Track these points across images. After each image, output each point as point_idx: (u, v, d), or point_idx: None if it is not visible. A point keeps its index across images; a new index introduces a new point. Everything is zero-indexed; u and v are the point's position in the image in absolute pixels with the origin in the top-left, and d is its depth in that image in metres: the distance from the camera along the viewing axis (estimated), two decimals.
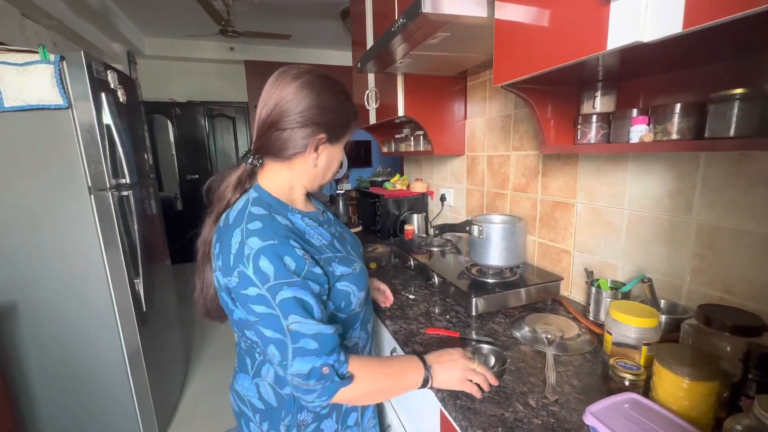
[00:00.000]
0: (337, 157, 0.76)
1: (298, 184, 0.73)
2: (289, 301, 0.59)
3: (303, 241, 0.66)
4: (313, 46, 4.97)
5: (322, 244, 0.71)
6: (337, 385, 0.62)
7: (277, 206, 0.69)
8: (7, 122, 1.31)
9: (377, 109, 1.83)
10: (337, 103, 0.71)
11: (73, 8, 3.02)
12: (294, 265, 0.61)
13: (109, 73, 1.52)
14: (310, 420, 0.73)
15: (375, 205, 2.05)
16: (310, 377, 0.60)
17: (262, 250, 0.60)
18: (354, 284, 0.72)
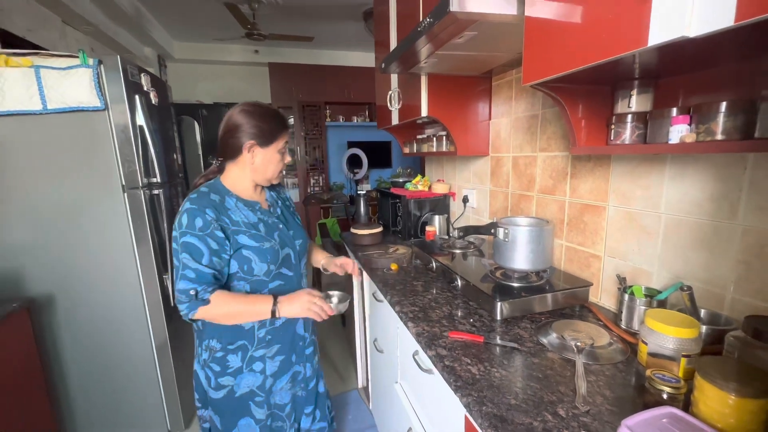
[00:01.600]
0: (272, 157, 1.02)
1: (245, 177, 1.03)
2: (187, 244, 0.91)
3: (221, 214, 0.96)
4: (335, 47, 5.02)
5: (241, 220, 0.99)
6: (197, 304, 0.92)
7: (220, 189, 1.00)
8: (49, 123, 1.38)
9: (400, 110, 1.82)
10: (264, 120, 0.99)
11: (108, 14, 3.16)
12: (201, 224, 0.92)
13: (142, 76, 1.58)
14: (219, 348, 1.02)
15: (396, 205, 2.04)
16: (182, 294, 0.92)
17: (185, 209, 0.93)
18: (256, 255, 0.99)
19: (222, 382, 1.03)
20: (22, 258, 1.45)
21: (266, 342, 1.05)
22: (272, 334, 1.06)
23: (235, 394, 1.04)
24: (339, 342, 2.64)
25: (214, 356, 1.02)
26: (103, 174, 1.47)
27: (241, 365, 1.03)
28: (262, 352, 1.05)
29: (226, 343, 1.02)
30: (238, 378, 1.03)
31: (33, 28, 2.46)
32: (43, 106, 1.34)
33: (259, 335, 1.04)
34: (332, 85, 5.06)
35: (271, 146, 1.01)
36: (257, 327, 1.04)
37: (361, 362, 1.97)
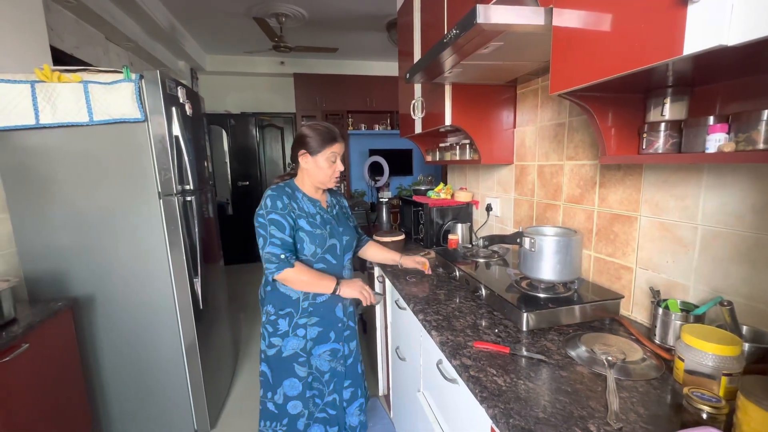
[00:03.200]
0: (320, 164, 1.25)
1: (306, 179, 1.30)
2: (273, 220, 1.20)
3: (292, 201, 1.25)
4: (358, 57, 5.11)
5: (304, 209, 1.27)
6: (284, 266, 1.18)
7: (292, 186, 1.30)
8: (94, 134, 1.48)
9: (423, 119, 1.84)
10: (315, 134, 1.24)
11: (147, 31, 3.36)
12: (281, 205, 1.22)
13: (178, 89, 1.67)
14: (272, 312, 1.29)
15: (418, 213, 2.04)
16: (273, 256, 1.18)
17: (268, 195, 1.23)
18: (308, 238, 1.24)
19: (273, 341, 1.30)
20: (67, 260, 1.55)
21: (308, 313, 1.30)
22: (313, 307, 1.30)
23: (282, 354, 1.30)
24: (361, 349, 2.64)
25: (269, 319, 1.29)
26: (142, 181, 1.55)
27: (288, 329, 1.29)
28: (304, 321, 1.30)
29: (278, 308, 1.28)
30: (285, 341, 1.29)
31: (80, 45, 2.64)
32: (89, 118, 1.44)
33: (303, 306, 1.29)
34: (354, 95, 5.15)
35: (318, 155, 1.24)
36: (302, 299, 1.28)
37: (383, 370, 1.97)
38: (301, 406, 1.34)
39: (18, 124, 1.41)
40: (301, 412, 1.34)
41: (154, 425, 1.75)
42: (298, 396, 1.33)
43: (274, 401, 1.34)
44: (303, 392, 1.33)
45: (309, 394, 1.35)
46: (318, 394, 1.37)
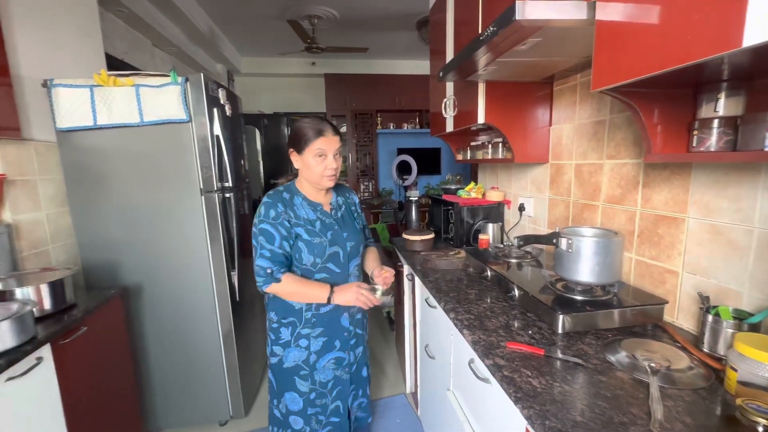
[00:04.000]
0: (309, 162, 1.17)
1: (303, 180, 1.24)
2: (263, 230, 1.16)
3: (288, 208, 1.19)
4: (387, 56, 5.13)
5: (302, 216, 1.20)
6: (270, 281, 1.15)
7: (292, 189, 1.24)
8: (144, 134, 1.58)
9: (455, 117, 1.83)
10: (299, 130, 1.17)
11: (189, 36, 3.53)
12: (273, 213, 1.16)
13: (219, 91, 1.75)
14: (275, 320, 1.25)
15: (448, 212, 2.03)
16: (261, 270, 1.16)
17: (263, 203, 1.18)
18: (306, 247, 1.18)
19: (275, 350, 1.26)
20: (119, 251, 1.67)
21: (311, 323, 1.24)
22: (317, 318, 1.24)
23: (283, 365, 1.25)
24: (387, 346, 2.67)
25: (272, 326, 1.26)
26: (185, 179, 1.64)
27: (290, 339, 1.24)
28: (308, 331, 1.24)
29: (280, 317, 1.24)
30: (287, 351, 1.24)
31: (129, 51, 2.83)
32: (140, 119, 1.54)
33: (306, 316, 1.24)
34: (383, 94, 5.18)
35: (305, 152, 1.17)
36: (305, 309, 1.23)
37: (410, 367, 1.98)
38: (302, 423, 1.28)
39: (78, 125, 1.53)
40: (302, 429, 1.28)
41: (192, 410, 1.85)
42: (299, 412, 1.27)
43: (279, 409, 1.30)
44: (305, 409, 1.27)
45: (311, 411, 1.28)
46: (321, 411, 1.29)
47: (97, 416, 1.36)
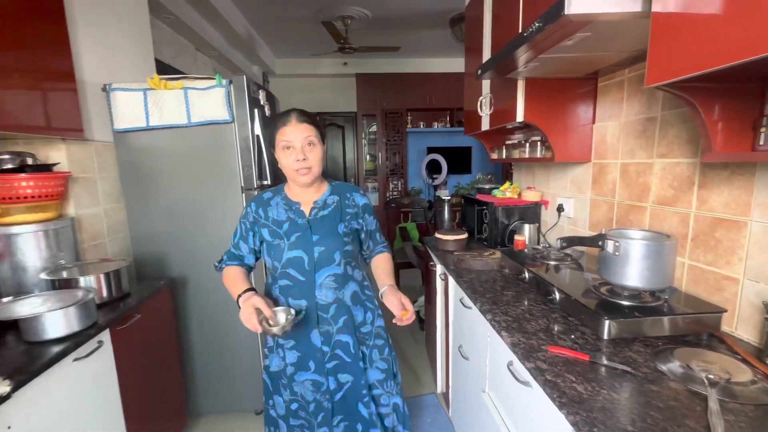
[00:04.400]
0: (279, 158, 1.10)
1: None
2: (237, 224, 1.20)
3: (260, 208, 1.15)
4: (419, 55, 5.10)
5: (272, 217, 1.13)
6: (217, 269, 1.21)
7: (278, 190, 1.19)
8: (192, 134, 1.67)
9: (491, 115, 1.79)
10: (268, 127, 1.21)
11: (228, 40, 3.68)
12: (245, 211, 1.18)
13: (260, 92, 1.82)
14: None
15: (482, 212, 2.00)
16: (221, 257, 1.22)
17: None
18: (266, 249, 1.15)
19: (265, 352, 1.23)
20: (166, 244, 1.77)
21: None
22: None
23: (269, 368, 1.20)
24: (416, 345, 2.67)
25: None
26: (228, 177, 1.71)
27: (273, 345, 1.20)
28: (282, 342, 1.16)
29: None
30: (271, 356, 1.20)
31: (175, 55, 2.99)
32: (188, 120, 1.62)
33: None
34: (414, 93, 5.16)
35: (276, 148, 1.11)
36: None
37: (441, 367, 1.97)
38: (285, 430, 1.20)
39: (132, 126, 1.64)
40: None
41: (230, 398, 1.93)
42: (283, 417, 1.20)
43: (274, 409, 1.23)
44: (287, 416, 1.19)
45: (294, 422, 1.18)
46: (307, 425, 1.18)
47: (147, 398, 1.46)
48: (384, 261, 1.27)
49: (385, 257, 1.28)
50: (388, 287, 1.16)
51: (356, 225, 1.19)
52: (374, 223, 1.26)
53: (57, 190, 1.40)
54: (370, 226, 1.24)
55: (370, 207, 1.23)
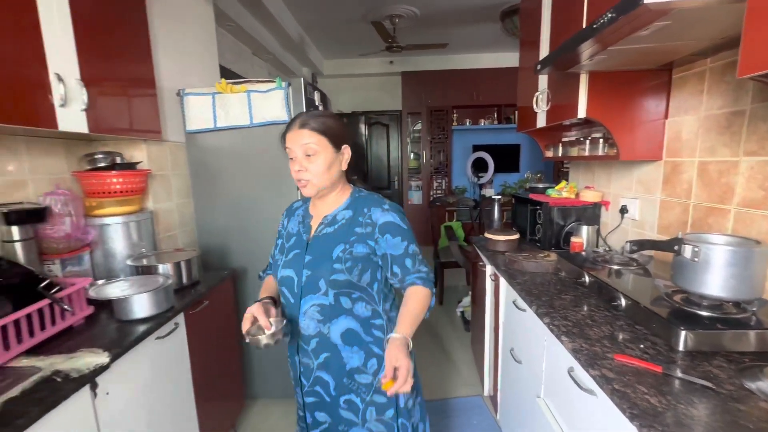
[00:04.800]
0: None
1: None
2: None
3: (286, 218, 1.10)
4: (466, 51, 5.01)
5: (288, 228, 1.06)
6: (261, 278, 1.18)
7: (307, 200, 1.07)
8: (253, 134, 1.78)
9: (548, 111, 1.72)
10: None
11: (281, 44, 3.85)
12: (280, 221, 1.12)
13: (315, 93, 1.89)
14: None
15: (536, 212, 1.93)
16: None
17: None
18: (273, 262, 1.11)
19: None
20: (228, 237, 1.91)
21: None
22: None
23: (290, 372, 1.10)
24: (461, 345, 2.64)
25: None
26: (283, 175, 1.80)
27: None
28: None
29: None
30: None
31: (235, 60, 3.18)
32: (250, 121, 1.73)
33: None
34: (460, 89, 5.08)
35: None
36: None
37: (489, 369, 1.94)
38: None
39: (202, 127, 1.78)
40: None
41: (282, 384, 2.04)
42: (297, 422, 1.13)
43: None
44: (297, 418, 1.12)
45: (297, 429, 1.12)
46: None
47: (212, 378, 1.59)
48: (411, 298, 0.94)
49: (414, 292, 0.94)
50: (394, 338, 0.86)
51: (364, 248, 0.94)
52: (402, 245, 0.95)
53: (140, 186, 1.56)
54: (391, 248, 0.95)
55: (393, 226, 0.95)
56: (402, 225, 0.97)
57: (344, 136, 0.97)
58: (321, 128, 0.92)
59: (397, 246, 0.95)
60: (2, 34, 0.98)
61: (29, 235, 1.21)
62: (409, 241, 0.97)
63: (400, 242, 0.96)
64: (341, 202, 1.00)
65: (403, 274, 0.96)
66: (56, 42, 1.13)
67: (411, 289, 0.95)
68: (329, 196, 0.99)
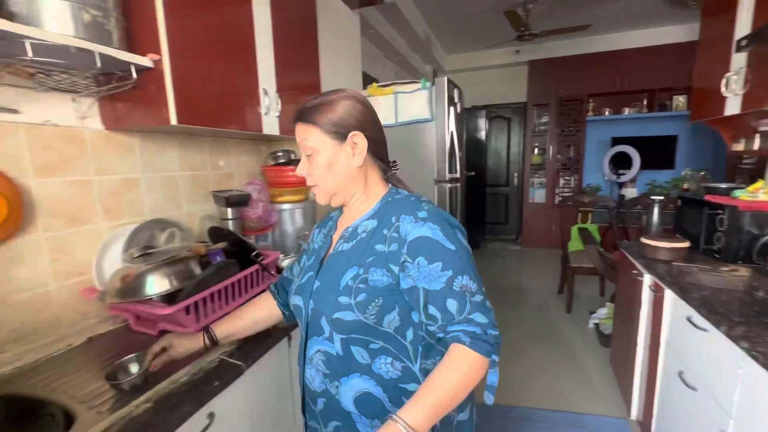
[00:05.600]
0: None
1: None
2: None
3: (316, 227, 0.90)
4: (610, 30, 4.40)
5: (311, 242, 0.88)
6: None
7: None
8: (398, 132, 1.93)
9: (745, 95, 1.42)
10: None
11: (409, 44, 4.02)
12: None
13: (455, 91, 1.94)
14: None
15: (714, 217, 1.62)
16: None
17: None
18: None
19: None
20: None
21: None
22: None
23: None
24: (596, 361, 2.39)
25: None
26: (423, 170, 1.91)
27: None
28: None
29: None
30: None
31: (371, 65, 3.46)
32: (395, 120, 1.88)
33: None
34: (600, 75, 4.51)
35: None
36: None
37: (639, 391, 1.72)
38: None
39: None
40: None
41: None
42: None
43: None
44: None
45: None
46: None
47: None
48: (444, 365, 0.62)
49: (454, 356, 0.62)
50: (389, 424, 0.57)
51: (384, 275, 0.65)
52: (443, 276, 0.63)
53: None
54: (426, 280, 0.63)
55: (431, 244, 0.64)
56: (447, 244, 0.64)
57: (349, 119, 0.70)
58: (312, 118, 0.70)
59: (436, 277, 0.62)
60: (233, 58, 1.28)
61: (237, 215, 1.56)
62: (456, 270, 0.63)
63: (440, 271, 0.62)
64: (368, 208, 0.75)
65: (445, 320, 0.63)
66: (264, 61, 1.42)
67: (452, 348, 0.62)
68: (353, 203, 0.76)
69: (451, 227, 0.67)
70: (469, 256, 0.67)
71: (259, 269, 1.29)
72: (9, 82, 0.88)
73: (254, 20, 1.33)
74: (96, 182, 1.11)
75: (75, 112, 1.05)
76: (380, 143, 0.78)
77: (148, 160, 1.27)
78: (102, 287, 1.07)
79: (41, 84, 0.94)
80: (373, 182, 0.77)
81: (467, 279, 0.63)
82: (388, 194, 0.77)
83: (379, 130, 0.77)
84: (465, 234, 0.71)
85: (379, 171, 0.79)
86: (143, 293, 0.96)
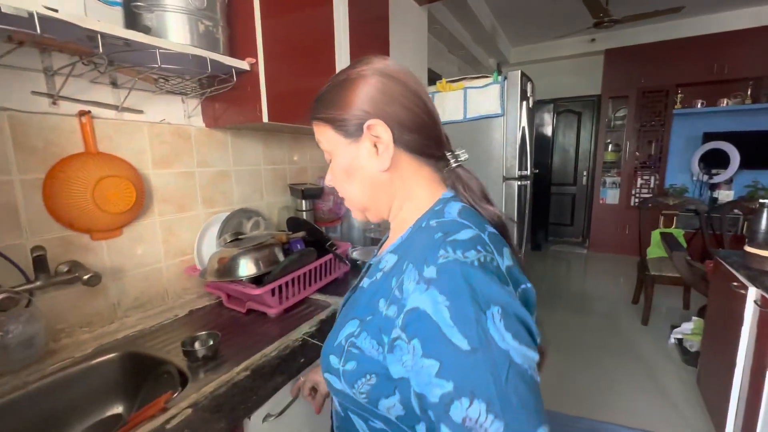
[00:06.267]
0: None
1: None
2: None
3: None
4: (704, 11, 3.89)
5: None
6: None
7: None
8: (465, 128, 1.90)
9: None
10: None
11: (474, 37, 3.92)
12: None
13: (528, 85, 1.86)
14: None
15: None
16: None
17: None
18: None
19: None
20: None
21: None
22: None
23: None
24: (681, 382, 2.16)
25: None
26: (491, 166, 1.87)
27: None
28: None
29: None
30: None
31: (434, 59, 3.43)
32: (463, 116, 1.86)
33: None
34: (691, 62, 4.02)
35: None
36: None
37: (735, 418, 1.53)
38: None
39: None
40: None
41: None
42: None
43: None
44: None
45: None
46: None
47: None
48: None
49: None
50: None
51: (374, 349, 0.46)
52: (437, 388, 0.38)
53: None
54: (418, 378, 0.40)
55: (428, 327, 0.39)
56: (453, 335, 0.38)
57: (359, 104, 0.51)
58: (319, 111, 0.56)
59: (427, 382, 0.39)
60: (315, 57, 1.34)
61: (311, 207, 1.66)
62: (459, 387, 0.37)
63: (434, 377, 0.38)
64: (402, 230, 0.55)
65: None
66: (341, 59, 1.48)
67: None
68: (397, 218, 0.57)
69: (473, 304, 0.38)
70: (499, 362, 0.36)
71: (332, 258, 1.36)
72: (140, 87, 1.03)
73: (334, 19, 1.40)
74: (197, 174, 1.25)
75: (183, 111, 1.19)
76: (421, 128, 0.53)
77: (238, 154, 1.40)
78: (200, 267, 1.21)
79: (161, 88, 1.08)
80: (418, 185, 0.54)
81: (479, 406, 0.35)
82: (430, 213, 0.52)
83: (418, 109, 0.53)
84: (519, 311, 0.40)
85: (427, 168, 0.55)
86: (237, 274, 1.07)
